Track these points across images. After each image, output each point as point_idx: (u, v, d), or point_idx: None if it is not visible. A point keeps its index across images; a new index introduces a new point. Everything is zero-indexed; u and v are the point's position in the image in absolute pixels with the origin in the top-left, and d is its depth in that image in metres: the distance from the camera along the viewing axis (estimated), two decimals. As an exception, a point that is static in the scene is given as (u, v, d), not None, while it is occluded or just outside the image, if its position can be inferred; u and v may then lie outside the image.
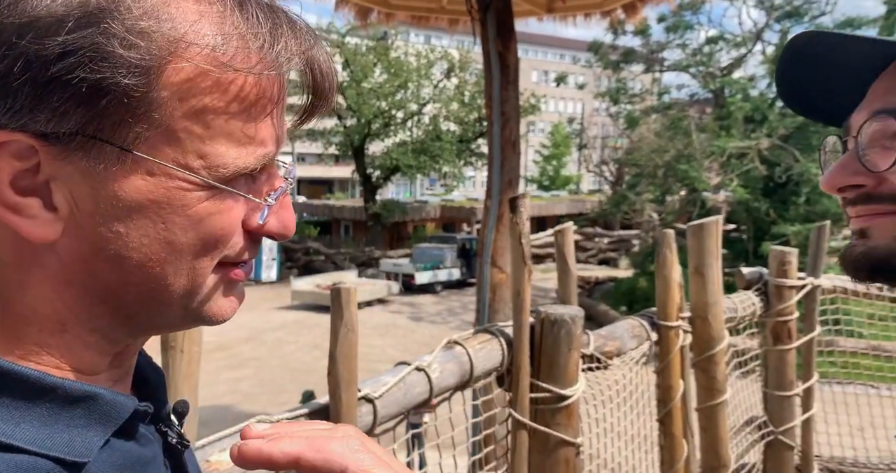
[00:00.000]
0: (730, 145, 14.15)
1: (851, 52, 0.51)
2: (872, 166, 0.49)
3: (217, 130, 0.38)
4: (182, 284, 0.39)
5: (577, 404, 1.63)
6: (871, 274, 0.51)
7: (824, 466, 3.04)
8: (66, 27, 0.33)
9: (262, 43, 0.38)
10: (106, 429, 0.38)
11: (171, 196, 0.37)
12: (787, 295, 2.60)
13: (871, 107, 0.50)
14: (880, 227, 0.49)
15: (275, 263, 21.21)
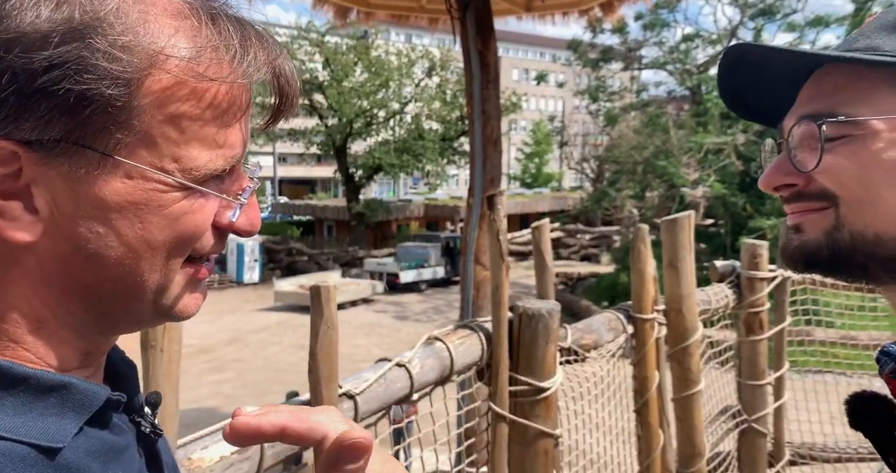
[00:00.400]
0: (707, 141, 14.39)
1: (781, 63, 0.55)
2: (802, 166, 0.52)
3: (191, 135, 0.40)
4: (155, 280, 0.42)
5: (555, 396, 1.67)
6: (806, 266, 0.54)
7: (795, 452, 3.13)
8: (52, 42, 0.36)
9: (233, 54, 0.41)
10: (79, 417, 0.39)
11: (148, 197, 0.40)
12: (758, 287, 2.68)
13: (798, 112, 0.54)
14: (811, 223, 0.53)
15: (257, 265, 21.03)
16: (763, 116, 0.61)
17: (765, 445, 2.87)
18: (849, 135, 0.50)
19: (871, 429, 0.57)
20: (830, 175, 0.51)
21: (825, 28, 15.78)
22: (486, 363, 1.56)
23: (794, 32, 16.16)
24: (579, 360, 1.89)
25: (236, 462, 1.07)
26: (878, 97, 0.49)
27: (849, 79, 0.51)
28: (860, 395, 0.58)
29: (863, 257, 0.51)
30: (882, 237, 0.49)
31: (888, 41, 0.50)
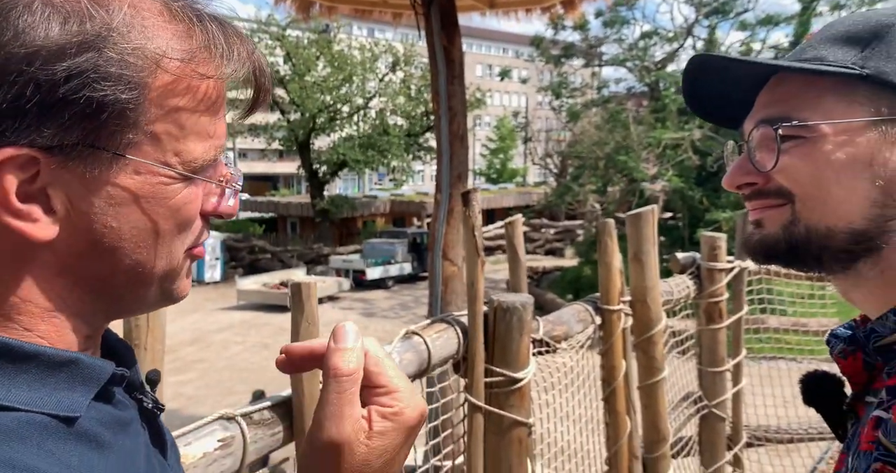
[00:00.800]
0: (665, 137, 14.78)
1: (739, 71, 0.60)
2: (761, 166, 0.57)
3: (189, 130, 0.43)
4: (162, 266, 0.45)
5: (528, 386, 1.72)
6: (766, 258, 0.60)
7: (752, 434, 3.29)
8: (69, 53, 0.38)
9: (221, 52, 0.44)
10: (89, 391, 0.41)
11: (154, 191, 0.43)
12: (717, 278, 2.80)
13: (756, 116, 0.59)
14: (770, 218, 0.58)
15: (218, 263, 20.58)
16: (725, 119, 0.66)
17: (724, 429, 3.01)
18: (802, 138, 0.55)
19: (822, 405, 0.62)
20: (787, 174, 0.56)
21: (774, 26, 16.41)
22: (463, 356, 1.60)
23: (746, 31, 16.74)
24: (550, 351, 1.95)
25: (220, 458, 1.07)
26: (825, 103, 0.55)
27: (800, 86, 0.56)
28: (813, 374, 0.64)
29: (816, 249, 0.56)
30: (833, 230, 0.54)
31: (832, 52, 0.55)
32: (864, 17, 0.57)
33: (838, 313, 4.49)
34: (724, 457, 3.01)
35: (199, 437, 1.05)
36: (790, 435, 3.32)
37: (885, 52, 0.53)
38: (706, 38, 17.18)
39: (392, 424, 0.46)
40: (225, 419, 1.09)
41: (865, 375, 0.57)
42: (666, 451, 2.48)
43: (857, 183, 0.53)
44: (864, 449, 0.50)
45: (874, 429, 0.49)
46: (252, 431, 1.12)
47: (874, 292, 0.56)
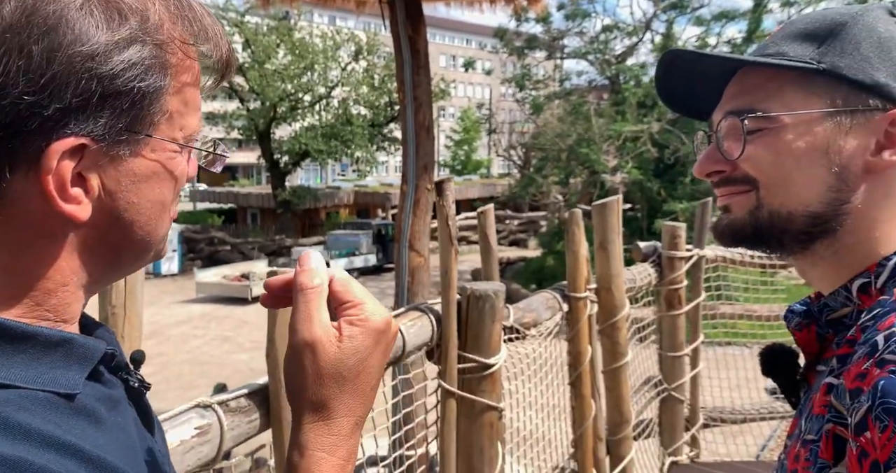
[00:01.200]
0: (625, 129, 15.10)
1: (708, 65, 0.64)
2: (728, 155, 0.61)
3: (190, 106, 0.47)
4: (162, 232, 0.48)
5: (499, 372, 1.76)
6: (734, 241, 0.64)
7: (708, 415, 3.44)
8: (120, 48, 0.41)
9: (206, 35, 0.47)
10: (83, 369, 0.43)
11: (165, 165, 0.46)
12: (677, 266, 2.91)
13: (724, 108, 0.63)
14: (737, 204, 0.62)
15: (175, 255, 19.98)
16: (695, 111, 0.70)
17: (682, 411, 3.14)
18: (765, 128, 0.59)
19: (779, 375, 0.67)
20: (752, 162, 0.60)
21: (729, 22, 16.94)
22: (437, 343, 1.62)
23: (702, 26, 17.20)
24: (520, 338, 2.00)
25: (196, 446, 1.07)
26: (786, 95, 0.59)
27: (764, 79, 0.60)
28: (771, 347, 0.69)
29: (778, 232, 0.60)
30: (793, 213, 0.59)
31: (792, 48, 0.60)
32: (821, 16, 0.61)
33: (787, 299, 4.71)
34: (682, 438, 3.14)
35: (175, 425, 1.04)
36: (743, 416, 3.49)
37: (839, 48, 0.58)
38: (664, 33, 17.57)
39: (359, 328, 0.50)
40: (201, 407, 1.09)
41: (817, 346, 0.62)
42: (628, 433, 2.58)
43: (815, 169, 0.57)
44: (816, 413, 0.54)
45: (826, 394, 0.53)
46: (229, 418, 1.12)
47: (828, 270, 0.61)
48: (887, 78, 0.56)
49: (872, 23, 0.58)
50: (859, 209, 0.57)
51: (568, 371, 2.36)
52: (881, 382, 0.45)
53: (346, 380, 0.49)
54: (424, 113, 5.20)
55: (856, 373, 0.48)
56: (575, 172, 16.86)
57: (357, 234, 20.03)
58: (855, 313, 0.57)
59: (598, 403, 2.41)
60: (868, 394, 0.46)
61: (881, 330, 0.49)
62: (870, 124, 0.57)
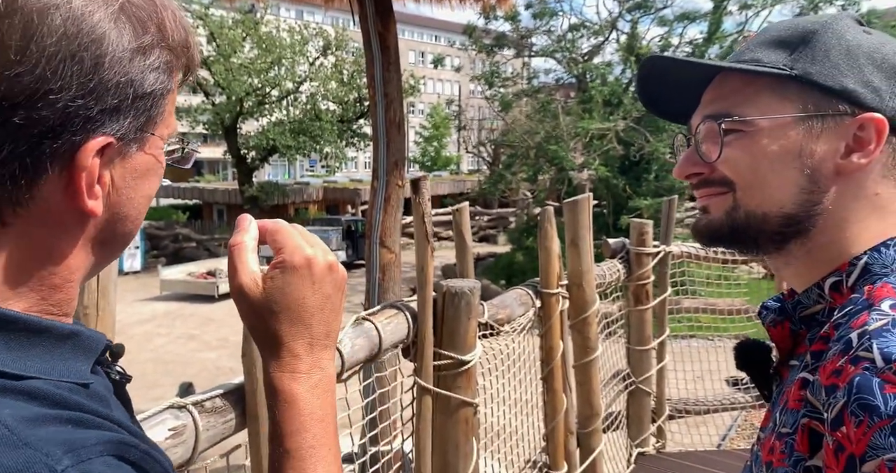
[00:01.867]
0: (592, 127, 15.31)
1: (687, 71, 0.66)
2: (707, 158, 0.64)
3: (173, 105, 0.50)
4: (140, 223, 0.51)
5: (474, 368, 1.78)
6: (711, 241, 0.66)
7: (673, 407, 3.54)
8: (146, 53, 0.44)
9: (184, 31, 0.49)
10: (89, 360, 0.45)
11: (158, 160, 0.49)
12: (644, 262, 2.98)
13: (702, 112, 0.65)
14: (715, 205, 0.65)
15: (138, 252, 19.43)
16: (675, 115, 0.72)
17: (649, 403, 3.22)
18: (741, 131, 0.62)
19: (752, 369, 0.70)
20: (729, 165, 0.62)
21: (690, 23, 17.35)
22: (412, 340, 1.63)
23: (665, 26, 17.58)
24: (494, 334, 2.02)
25: (171, 447, 1.05)
26: (762, 100, 0.61)
27: (740, 84, 0.63)
28: (745, 342, 0.71)
29: (754, 232, 0.63)
30: (768, 214, 0.61)
31: (767, 54, 0.62)
32: (793, 24, 0.64)
33: (747, 293, 4.88)
34: (649, 429, 3.22)
35: (148, 427, 1.03)
36: (706, 407, 3.60)
37: (810, 56, 0.60)
38: (629, 33, 17.87)
39: (279, 269, 0.56)
40: (176, 408, 1.07)
41: (791, 342, 0.64)
42: (598, 426, 2.63)
43: (788, 172, 0.60)
44: (791, 407, 0.56)
45: (800, 389, 0.55)
46: (204, 419, 1.10)
47: (801, 269, 0.63)
48: (855, 84, 0.59)
49: (841, 31, 0.61)
50: (830, 210, 0.60)
51: (540, 366, 2.40)
52: (856, 378, 0.47)
53: (277, 313, 0.55)
54: (395, 109, 5.17)
55: (831, 370, 0.50)
56: (543, 169, 17.02)
57: (326, 231, 19.81)
58: (827, 310, 0.60)
59: (569, 397, 2.46)
60: (843, 390, 0.47)
61: (854, 328, 0.51)
62: (839, 128, 0.59)
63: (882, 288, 0.54)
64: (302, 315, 0.56)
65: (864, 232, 0.60)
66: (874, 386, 0.46)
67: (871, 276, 0.57)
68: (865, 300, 0.54)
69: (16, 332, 0.41)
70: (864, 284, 0.57)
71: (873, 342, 0.48)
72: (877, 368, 0.47)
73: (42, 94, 0.39)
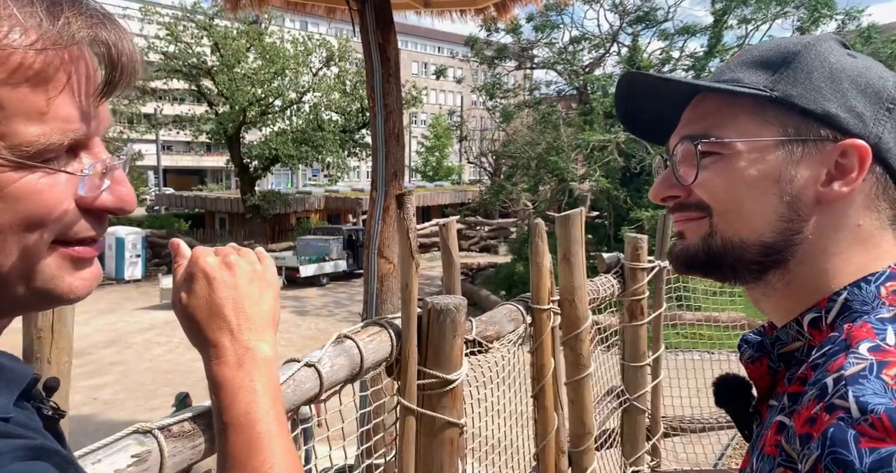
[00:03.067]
0: (593, 138, 15.33)
1: (665, 89, 0.63)
2: (683, 180, 0.61)
3: (11, 110, 0.38)
4: (14, 264, 0.41)
5: (460, 387, 1.74)
6: (688, 268, 0.63)
7: (668, 424, 3.48)
8: None
9: (38, 21, 0.39)
10: (12, 393, 0.41)
11: None
12: (639, 277, 2.94)
13: (680, 133, 0.63)
14: (691, 230, 0.62)
15: (139, 260, 19.45)
16: (654, 134, 0.69)
17: (644, 421, 3.17)
18: (719, 154, 0.59)
19: (732, 407, 0.66)
20: (705, 188, 0.60)
21: (691, 36, 17.43)
22: (396, 358, 1.59)
23: (666, 39, 17.65)
24: (483, 351, 1.98)
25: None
26: (740, 122, 0.58)
27: (718, 105, 0.60)
28: (724, 378, 0.68)
29: (731, 260, 0.59)
30: (745, 242, 0.58)
31: (747, 75, 0.59)
32: (775, 44, 0.61)
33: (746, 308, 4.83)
34: (643, 448, 3.17)
35: (109, 454, 0.99)
36: (702, 424, 3.54)
37: (792, 77, 0.57)
38: (630, 45, 17.96)
39: (183, 282, 0.67)
40: (140, 433, 1.04)
41: (769, 380, 0.61)
42: (591, 445, 2.58)
43: (767, 197, 0.57)
44: (767, 453, 0.52)
45: (776, 433, 0.52)
46: (171, 444, 1.06)
47: (780, 302, 0.60)
48: (837, 109, 0.56)
49: (825, 53, 0.58)
50: (810, 240, 0.57)
51: (531, 383, 2.36)
52: (830, 430, 0.44)
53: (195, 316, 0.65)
54: (394, 120, 5.17)
55: (806, 417, 0.47)
56: (544, 180, 17.04)
57: (327, 240, 19.84)
58: (806, 348, 0.57)
59: (560, 415, 2.41)
60: (818, 442, 0.45)
61: (830, 372, 0.48)
62: (821, 154, 0.56)
63: (860, 328, 0.51)
64: (214, 311, 0.64)
65: (844, 265, 0.57)
66: (849, 439, 0.43)
67: (851, 314, 0.54)
68: (843, 340, 0.50)
69: None
70: (843, 322, 0.54)
71: (849, 389, 0.45)
72: (852, 419, 0.44)
73: None
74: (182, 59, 20.79)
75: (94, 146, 0.45)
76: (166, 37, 20.80)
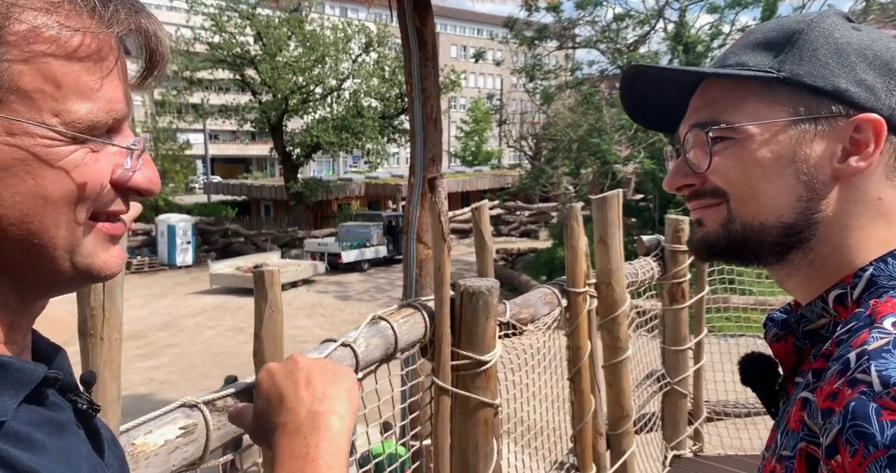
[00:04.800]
0: (638, 119, 14.89)
1: (670, 78, 0.63)
2: (697, 168, 0.60)
3: (67, 88, 0.41)
4: (63, 236, 0.43)
5: (494, 368, 1.76)
6: (709, 255, 0.63)
7: (711, 409, 3.41)
8: None
9: (92, 6, 0.42)
10: (18, 394, 0.41)
11: (36, 152, 0.40)
12: (680, 259, 2.87)
13: (689, 121, 0.62)
14: (709, 217, 0.61)
15: (190, 246, 20.22)
16: (661, 125, 0.69)
17: (685, 405, 3.12)
18: (731, 139, 0.58)
19: (757, 385, 0.66)
20: (720, 174, 0.59)
21: (743, 9, 16.60)
22: (430, 339, 1.62)
23: (716, 13, 16.89)
24: (517, 333, 1.99)
25: (181, 446, 1.08)
26: (749, 106, 0.58)
27: (725, 90, 0.60)
28: (750, 356, 0.67)
29: (753, 244, 0.59)
30: (765, 225, 0.58)
31: (752, 57, 0.59)
32: (777, 25, 0.60)
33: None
34: (685, 432, 3.12)
35: (160, 425, 1.05)
36: (748, 409, 3.46)
37: (797, 56, 0.56)
38: (677, 21, 17.28)
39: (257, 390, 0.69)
40: (187, 406, 1.10)
41: (795, 357, 0.61)
42: (629, 428, 2.57)
43: (783, 179, 0.57)
44: (791, 428, 0.53)
45: (800, 410, 0.52)
46: (215, 418, 1.12)
47: (804, 281, 0.59)
48: (847, 83, 0.55)
49: (829, 29, 0.57)
50: (831, 217, 0.56)
51: (567, 366, 2.36)
52: (851, 404, 0.44)
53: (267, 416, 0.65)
54: (432, 105, 5.18)
55: (828, 392, 0.47)
56: (586, 163, 16.73)
57: (368, 226, 20.11)
58: (831, 324, 0.56)
59: (597, 398, 2.40)
60: (839, 416, 0.45)
61: (854, 347, 0.48)
62: (834, 131, 0.56)
63: (886, 304, 0.50)
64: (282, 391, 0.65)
65: (868, 239, 0.56)
66: (870, 413, 0.43)
67: (878, 289, 0.53)
68: (868, 316, 0.50)
69: None
70: (869, 297, 0.53)
71: (871, 363, 0.45)
72: (874, 392, 0.44)
73: None
74: (227, 49, 21.24)
75: (125, 129, 0.47)
76: (211, 27, 21.28)
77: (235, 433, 1.18)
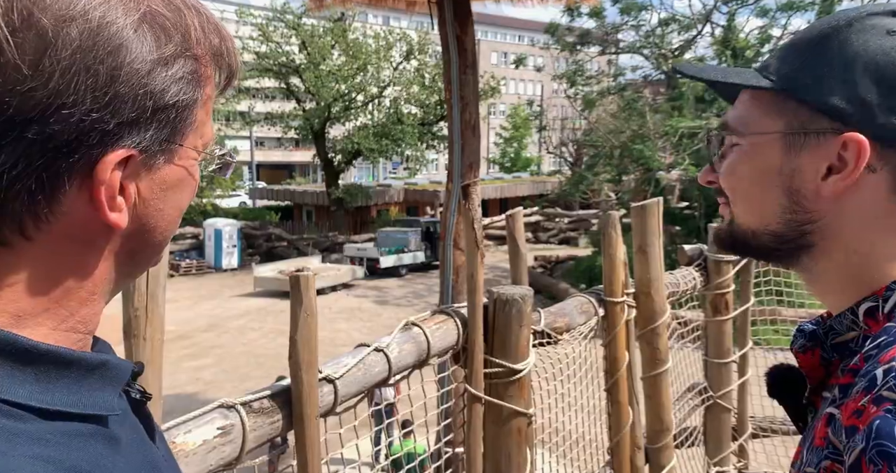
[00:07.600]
0: (682, 125, 14.56)
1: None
2: (717, 168, 0.63)
3: (209, 115, 0.49)
4: (171, 236, 0.50)
5: (528, 377, 1.74)
6: (722, 247, 0.65)
7: (757, 425, 3.28)
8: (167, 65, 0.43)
9: (225, 44, 0.48)
10: (115, 390, 0.45)
11: (189, 172, 0.48)
12: (724, 270, 2.79)
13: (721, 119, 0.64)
14: (726, 214, 0.64)
15: (235, 250, 20.81)
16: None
17: (729, 420, 3.01)
18: (738, 145, 0.60)
19: (784, 398, 0.64)
20: (723, 178, 0.62)
21: (795, 13, 16.03)
22: (462, 347, 1.62)
23: (766, 16, 16.36)
24: (553, 342, 1.97)
25: (219, 446, 1.11)
26: (752, 114, 0.59)
27: (749, 95, 0.60)
28: (777, 368, 0.66)
29: (753, 245, 0.61)
30: (756, 231, 0.60)
31: (777, 62, 0.58)
32: (816, 25, 0.58)
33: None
34: (728, 448, 3.01)
35: (199, 425, 1.09)
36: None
37: (812, 65, 0.55)
38: (725, 25, 16.81)
39: None
40: (225, 407, 1.13)
41: (822, 370, 0.59)
42: (669, 442, 2.49)
43: (770, 189, 0.58)
44: (816, 445, 0.51)
45: (826, 426, 0.50)
46: (252, 419, 1.15)
47: (828, 288, 0.59)
48: (841, 100, 0.53)
49: (851, 37, 0.55)
50: (834, 228, 0.56)
51: (604, 377, 2.31)
52: (876, 422, 0.43)
53: None
54: (471, 112, 5.19)
55: (853, 409, 0.46)
56: (628, 170, 16.42)
57: (406, 232, 20.25)
58: (861, 338, 0.54)
59: (636, 410, 2.35)
60: (863, 434, 0.44)
61: (882, 363, 0.46)
62: (822, 147, 0.55)
63: None
64: None
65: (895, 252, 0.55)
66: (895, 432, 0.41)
67: None
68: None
69: (44, 364, 0.41)
70: None
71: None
72: None
73: (55, 109, 0.39)
74: (273, 58, 21.85)
75: None
76: (258, 37, 21.95)
77: (272, 434, 1.21)
